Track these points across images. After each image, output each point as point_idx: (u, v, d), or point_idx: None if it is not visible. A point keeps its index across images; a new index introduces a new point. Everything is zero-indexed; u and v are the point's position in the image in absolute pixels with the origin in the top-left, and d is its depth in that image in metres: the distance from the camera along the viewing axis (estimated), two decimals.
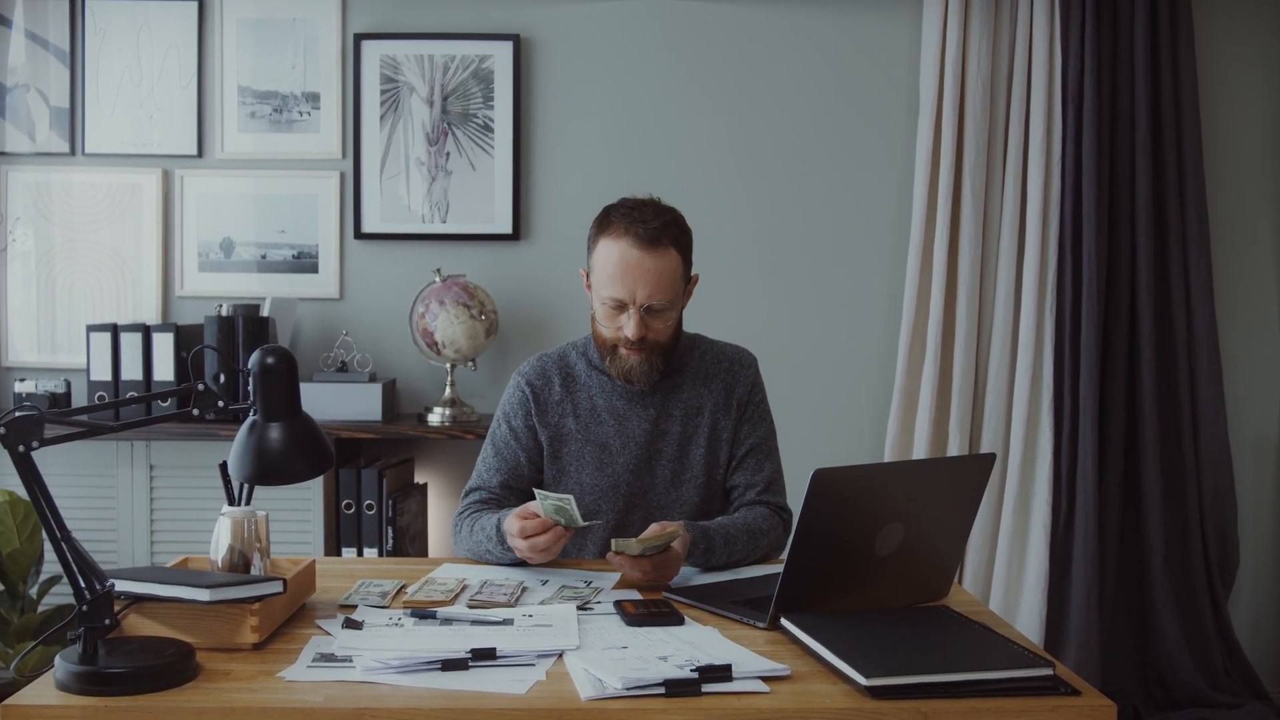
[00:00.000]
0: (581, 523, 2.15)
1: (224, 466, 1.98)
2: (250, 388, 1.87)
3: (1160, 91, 3.84)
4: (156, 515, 3.57)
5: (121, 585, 1.74)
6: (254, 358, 1.86)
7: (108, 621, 1.66)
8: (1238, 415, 4.00)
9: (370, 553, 3.57)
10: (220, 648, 1.77)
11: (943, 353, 3.86)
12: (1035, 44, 3.81)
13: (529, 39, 3.92)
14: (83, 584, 1.66)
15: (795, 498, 2.36)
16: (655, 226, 2.37)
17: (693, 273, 2.51)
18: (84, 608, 1.65)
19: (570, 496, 2.12)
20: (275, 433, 1.86)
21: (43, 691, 1.62)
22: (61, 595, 3.57)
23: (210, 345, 3.04)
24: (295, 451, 1.87)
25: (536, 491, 2.18)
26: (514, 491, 2.51)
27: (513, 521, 2.20)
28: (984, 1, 3.80)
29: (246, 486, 1.99)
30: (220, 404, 1.84)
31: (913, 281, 3.86)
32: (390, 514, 3.57)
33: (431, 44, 3.89)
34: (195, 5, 3.89)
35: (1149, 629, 3.88)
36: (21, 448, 1.64)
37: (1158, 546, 3.84)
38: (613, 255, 2.38)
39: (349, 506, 3.58)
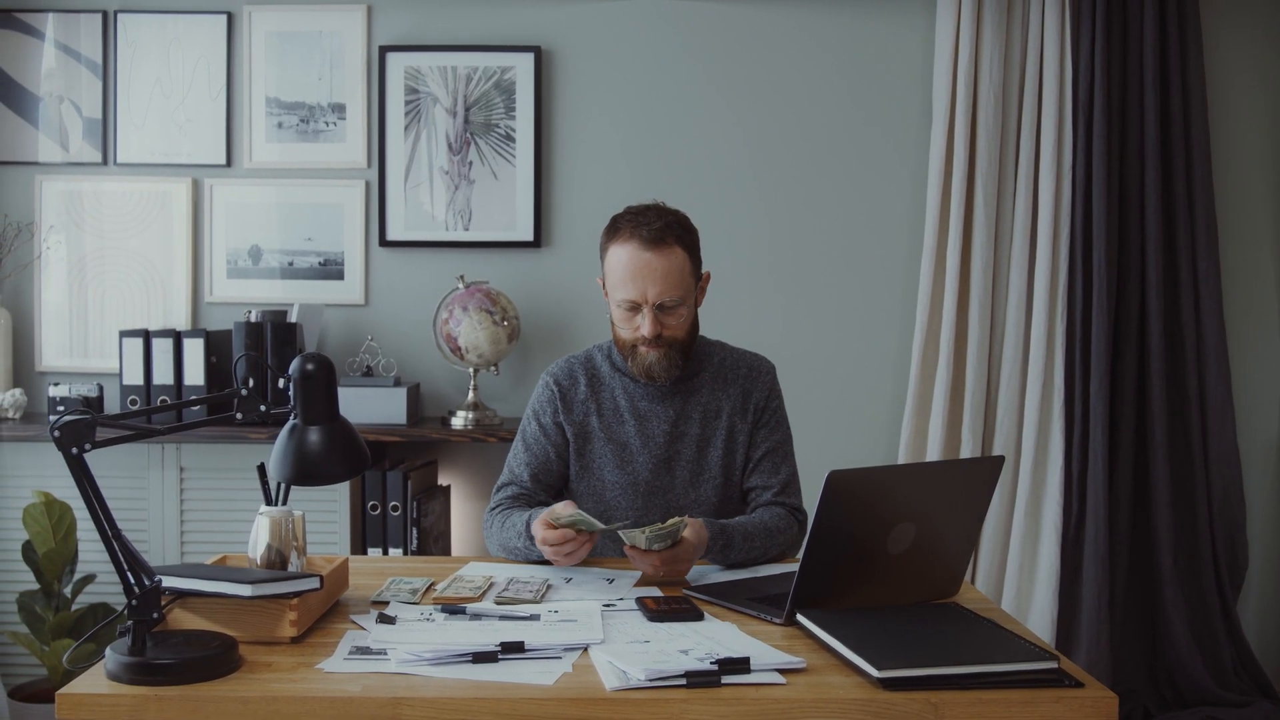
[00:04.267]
0: (600, 526, 2.22)
1: (262, 468, 2.06)
2: (290, 392, 1.95)
3: (1169, 100, 3.89)
4: (186, 516, 3.64)
5: (167, 581, 1.81)
6: (294, 364, 1.94)
7: (155, 615, 1.74)
8: (1246, 419, 4.04)
9: (395, 553, 3.65)
10: (260, 641, 1.85)
11: (955, 357, 3.92)
12: (1046, 53, 3.87)
13: (550, 50, 4.00)
14: (131, 580, 1.73)
15: (811, 499, 2.43)
16: (658, 227, 2.47)
17: (704, 270, 2.60)
18: (134, 602, 1.73)
19: (581, 514, 2.22)
20: (314, 436, 1.94)
21: (94, 682, 1.69)
22: (94, 594, 3.65)
23: (251, 352, 3.12)
24: (334, 454, 1.94)
25: (551, 514, 2.26)
26: (544, 486, 2.60)
27: (538, 528, 2.28)
28: (996, 11, 3.86)
29: (284, 487, 2.06)
30: (263, 408, 1.92)
31: (926, 287, 3.92)
32: (415, 515, 3.65)
33: (454, 55, 3.97)
34: (224, 18, 3.98)
35: (1159, 629, 3.93)
36: (75, 450, 1.72)
37: (1167, 548, 3.89)
38: (621, 259, 2.48)
39: (374, 508, 3.66)
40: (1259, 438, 4.08)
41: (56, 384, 3.82)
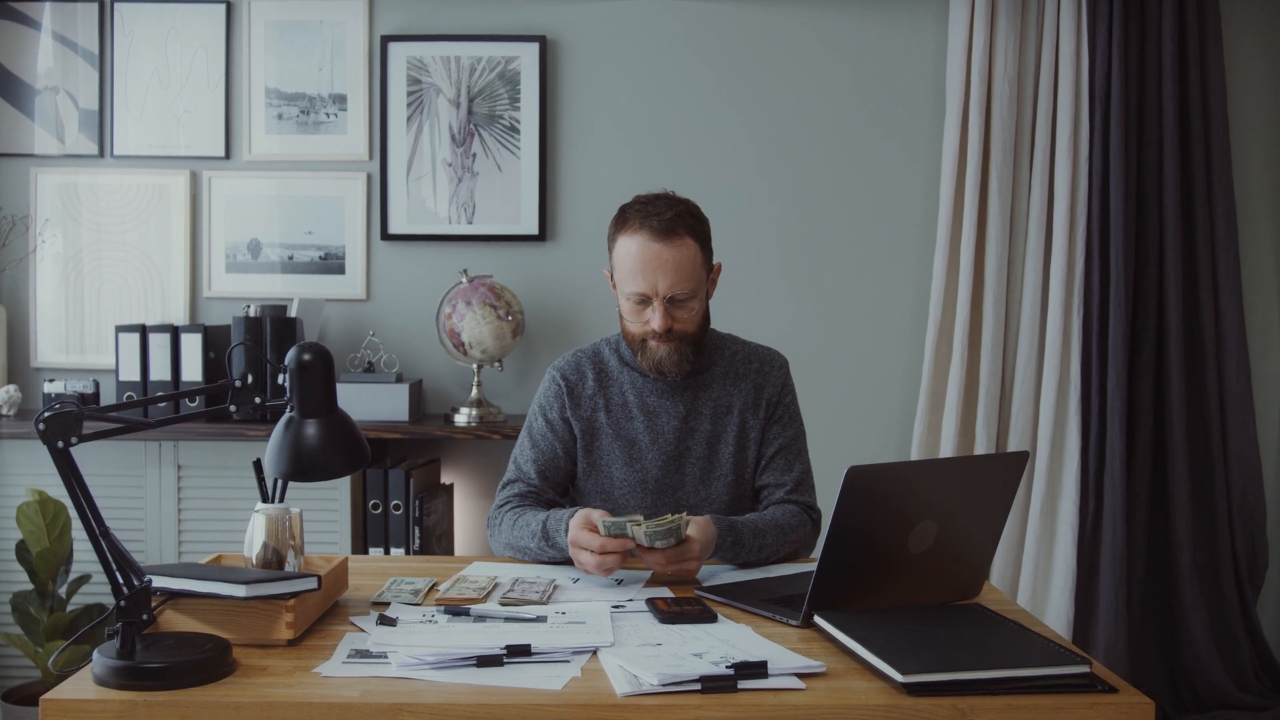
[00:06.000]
0: (640, 532, 2.13)
1: (258, 464, 1.99)
2: (287, 384, 1.88)
3: (1188, 91, 3.82)
4: (184, 514, 3.58)
5: (158, 581, 1.74)
6: (290, 354, 1.87)
7: (145, 617, 1.67)
8: (1266, 415, 3.98)
9: (397, 553, 3.58)
10: (255, 644, 1.78)
11: (969, 353, 3.85)
12: (1062, 44, 3.80)
13: (555, 40, 3.93)
14: (120, 580, 1.66)
15: (823, 497, 2.36)
16: (669, 218, 2.39)
17: (715, 261, 2.52)
18: (122, 603, 1.66)
19: (636, 519, 2.12)
20: (312, 429, 1.86)
21: (81, 686, 1.63)
22: (90, 595, 3.59)
23: (246, 341, 3.06)
24: (332, 447, 1.87)
25: (601, 521, 2.16)
26: (552, 483, 2.53)
27: (588, 536, 2.15)
28: (1011, 2, 3.79)
29: (281, 484, 1.99)
30: (257, 400, 1.84)
31: (939, 282, 3.85)
32: (417, 514, 3.58)
33: (458, 45, 3.90)
34: (223, 8, 3.91)
35: (1177, 631, 3.86)
36: (60, 443, 1.65)
37: (1186, 548, 3.82)
38: (631, 250, 2.40)
39: (376, 506, 3.59)
40: (1279, 435, 4.01)
41: (52, 380, 3.77)
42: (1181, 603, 3.84)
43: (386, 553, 3.59)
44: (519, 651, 1.71)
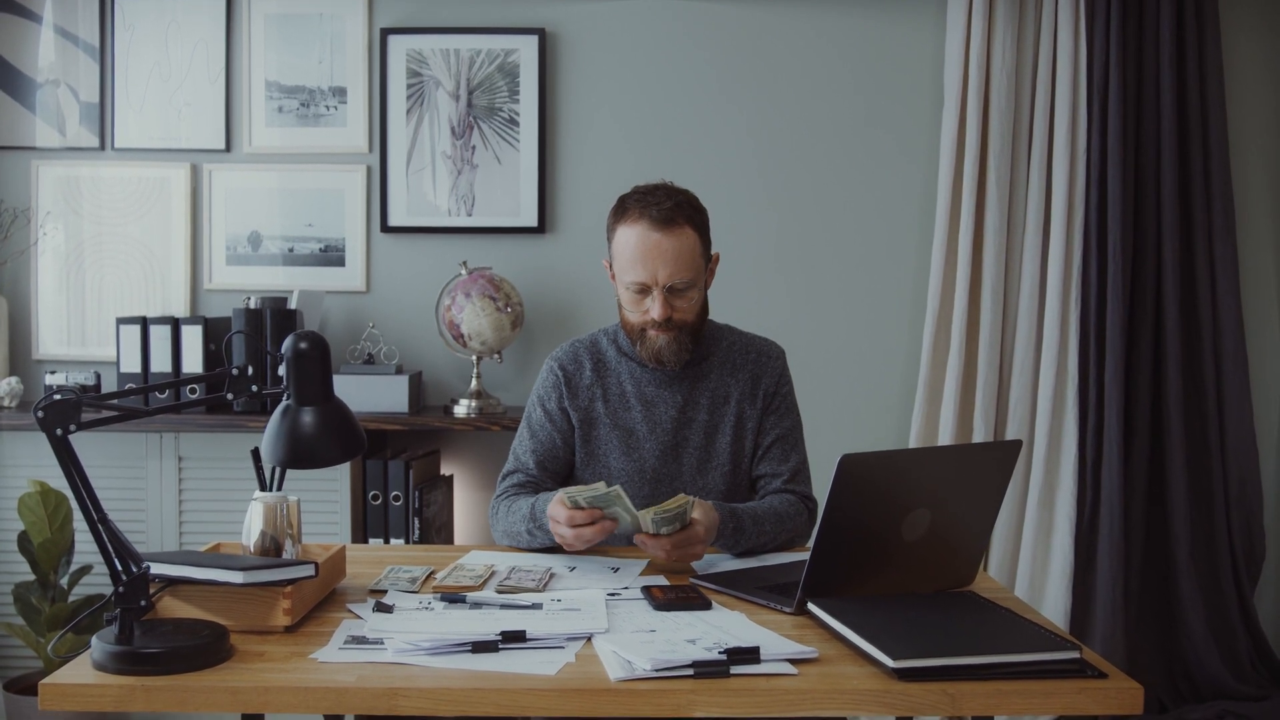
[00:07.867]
0: (627, 510, 2.14)
1: (256, 452, 2.00)
2: (283, 372, 1.89)
3: (1186, 84, 3.82)
4: (185, 505, 3.59)
5: (156, 568, 1.76)
6: (287, 342, 1.88)
7: (143, 603, 1.68)
8: (1263, 407, 3.98)
9: (397, 543, 3.59)
10: (253, 630, 1.80)
11: (967, 345, 3.85)
12: (1060, 38, 3.80)
13: (554, 33, 3.93)
14: (119, 566, 1.68)
15: (821, 487, 2.37)
16: (669, 207, 2.40)
17: (713, 251, 2.53)
18: (120, 589, 1.67)
19: (615, 489, 2.13)
20: (308, 417, 1.88)
21: (80, 671, 1.64)
22: (91, 585, 3.60)
23: (245, 331, 3.06)
24: (328, 435, 1.88)
25: (567, 493, 2.18)
26: (550, 473, 2.54)
27: (558, 509, 2.20)
28: None
29: (279, 472, 2.00)
30: (254, 388, 1.86)
31: (937, 274, 3.85)
32: (416, 505, 3.59)
33: (457, 38, 3.90)
34: (223, 1, 3.91)
35: (1174, 622, 3.87)
36: (59, 431, 1.66)
37: (1183, 539, 3.83)
38: (631, 240, 2.41)
39: (376, 497, 3.60)
40: (1277, 426, 4.01)
41: (53, 372, 3.77)
42: (1179, 594, 3.84)
43: (386, 543, 3.60)
44: (514, 637, 1.72)
